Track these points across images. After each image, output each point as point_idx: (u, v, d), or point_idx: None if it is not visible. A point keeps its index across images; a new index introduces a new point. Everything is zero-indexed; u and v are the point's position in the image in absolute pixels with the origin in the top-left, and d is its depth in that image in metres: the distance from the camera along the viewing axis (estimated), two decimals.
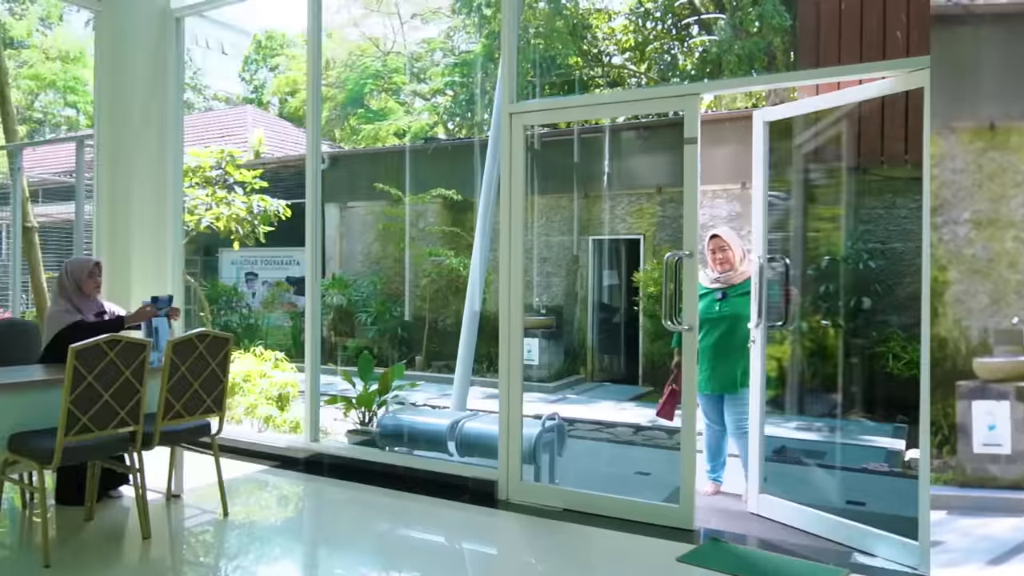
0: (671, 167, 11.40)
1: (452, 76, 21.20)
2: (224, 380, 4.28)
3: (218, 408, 4.29)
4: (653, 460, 7.00)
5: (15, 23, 21.52)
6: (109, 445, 3.82)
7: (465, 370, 7.18)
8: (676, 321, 4.39)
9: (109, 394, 3.68)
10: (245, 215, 9.08)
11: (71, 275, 4.40)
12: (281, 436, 5.94)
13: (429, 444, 5.34)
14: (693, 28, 16.57)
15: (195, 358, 4.08)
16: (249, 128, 17.90)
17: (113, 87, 5.96)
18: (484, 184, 7.48)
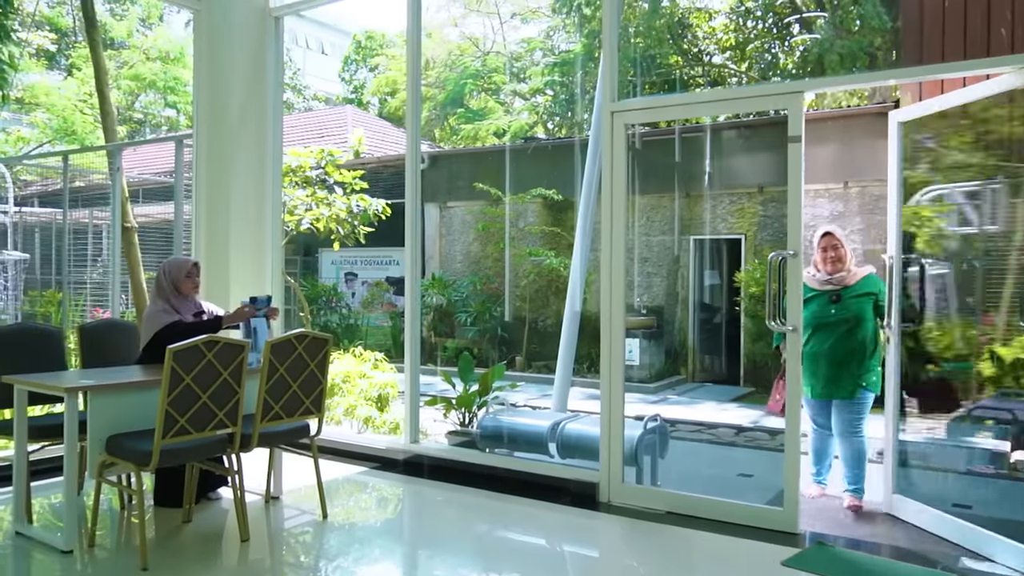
0: (773, 166, 10.89)
1: (552, 75, 21.04)
2: (323, 381, 4.15)
3: (317, 409, 4.16)
4: (756, 462, 6.63)
5: (116, 24, 22.47)
6: (207, 447, 3.74)
7: (565, 371, 6.92)
8: (780, 322, 4.10)
9: (207, 395, 3.59)
10: (345, 216, 9.07)
11: (169, 275, 4.36)
12: (380, 437, 5.82)
13: (529, 446, 5.11)
14: (794, 27, 16.01)
15: (294, 359, 3.96)
16: (349, 128, 18.15)
17: (212, 86, 5.96)
18: (584, 184, 7.25)
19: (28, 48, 19.97)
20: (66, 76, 21.66)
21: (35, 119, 19.99)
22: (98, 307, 9.91)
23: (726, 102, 4.85)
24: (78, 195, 13.41)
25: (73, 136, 19.44)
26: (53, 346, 4.56)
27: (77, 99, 19.48)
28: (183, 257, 4.43)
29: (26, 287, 12.37)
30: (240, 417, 3.77)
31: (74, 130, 19.09)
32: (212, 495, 4.58)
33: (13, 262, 12.75)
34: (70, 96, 19.78)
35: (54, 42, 20.94)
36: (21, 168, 19.48)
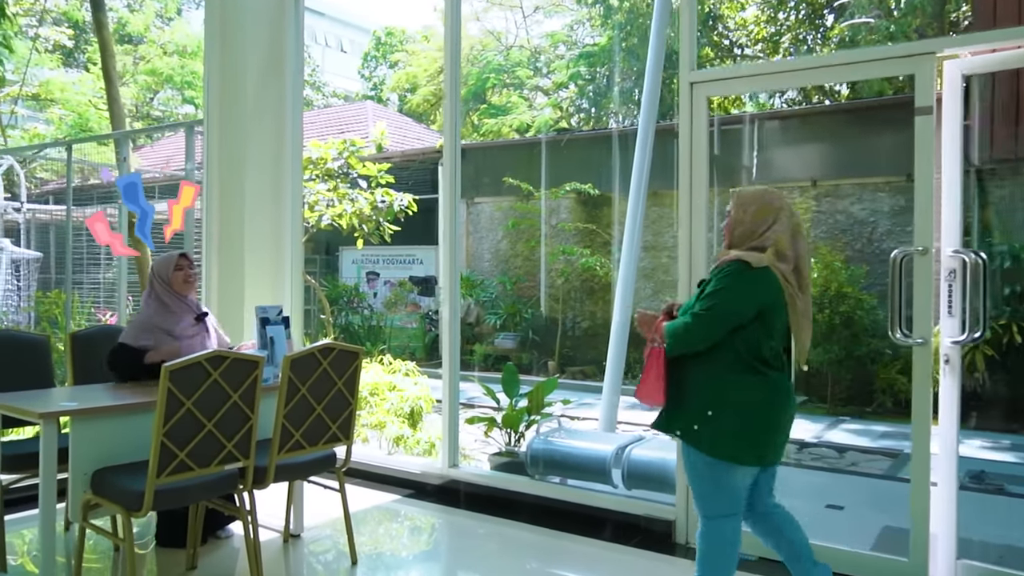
0: (826, 158, 10.13)
1: (577, 67, 20.41)
2: (352, 402, 3.47)
3: (345, 436, 3.48)
4: (840, 489, 5.84)
5: (132, 18, 22.01)
6: (213, 486, 3.06)
7: (614, 384, 6.24)
8: (904, 332, 3.38)
9: (213, 423, 2.92)
10: (369, 212, 8.39)
11: (158, 273, 3.73)
12: (414, 460, 5.13)
13: (588, 473, 4.40)
14: (828, 18, 15.33)
15: (318, 376, 3.28)
16: (370, 123, 17.52)
17: (225, 66, 5.27)
18: (634, 178, 6.58)
19: (45, 44, 19.57)
20: (84, 70, 21.23)
21: (51, 115, 19.57)
22: (105, 309, 9.30)
23: (832, 69, 3.77)
24: (92, 192, 12.93)
25: (88, 133, 18.96)
26: (38, 358, 3.92)
27: (93, 95, 19.02)
28: (169, 253, 3.79)
29: (40, 287, 11.84)
30: (253, 448, 3.09)
31: (89, 127, 18.62)
32: (221, 533, 3.91)
33: (26, 261, 12.27)
34: (85, 92, 19.33)
35: (71, 38, 20.48)
36: (37, 166, 19.06)
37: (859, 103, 11.46)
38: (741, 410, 2.60)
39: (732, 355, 2.60)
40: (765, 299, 2.56)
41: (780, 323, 2.62)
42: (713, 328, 2.56)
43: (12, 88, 16.96)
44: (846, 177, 9.90)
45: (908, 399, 3.39)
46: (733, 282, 2.56)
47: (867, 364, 9.05)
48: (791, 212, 2.68)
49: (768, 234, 2.62)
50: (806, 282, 2.68)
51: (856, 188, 9.83)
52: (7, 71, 17.48)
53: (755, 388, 2.60)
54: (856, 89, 13.89)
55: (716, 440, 2.61)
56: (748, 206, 2.68)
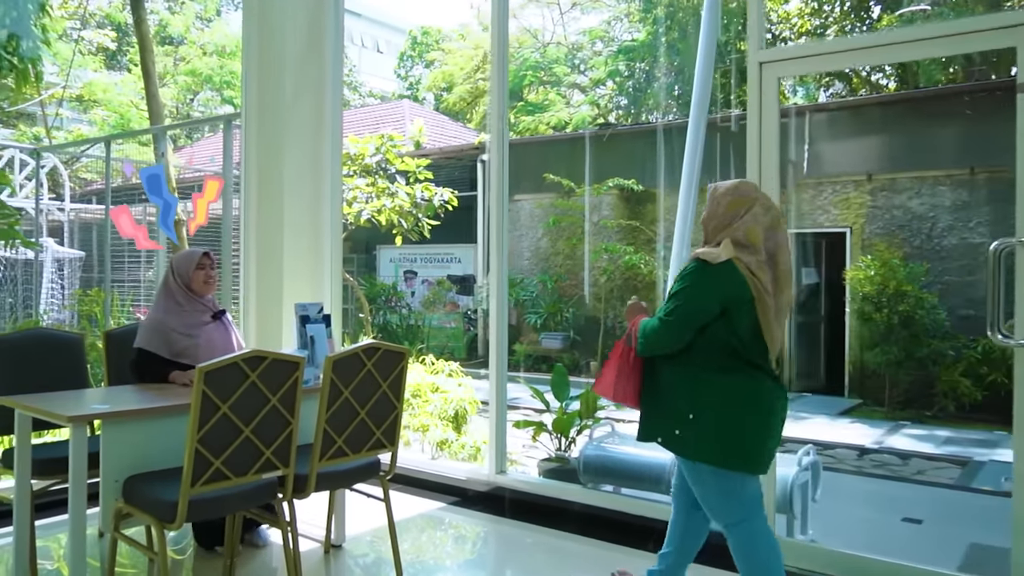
0: (882, 151, 9.70)
1: (616, 64, 20.13)
2: (398, 406, 3.25)
3: (390, 442, 3.25)
4: (913, 500, 5.49)
5: (172, 19, 22.19)
6: (250, 495, 2.86)
7: None
8: (1003, 333, 3.03)
9: (251, 428, 2.71)
10: (409, 207, 8.20)
11: (177, 271, 3.53)
12: (459, 465, 4.90)
13: (645, 482, 4.13)
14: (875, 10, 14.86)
15: (362, 378, 3.06)
16: (406, 121, 17.39)
17: (263, 60, 5.09)
18: (684, 173, 6.30)
19: (88, 46, 19.79)
20: (127, 72, 21.44)
21: (94, 117, 19.77)
22: (144, 307, 9.24)
23: (921, 43, 3.30)
24: (134, 193, 12.99)
25: (142, 140, 19.11)
26: (73, 357, 3.76)
27: (134, 95, 19.17)
28: (191, 249, 3.60)
29: (83, 286, 11.91)
30: (293, 455, 2.88)
31: (131, 127, 18.76)
32: (258, 540, 3.72)
33: (69, 260, 12.33)
34: (126, 92, 19.50)
35: (113, 40, 20.69)
36: (80, 166, 19.27)
37: (916, 93, 11.00)
38: (721, 411, 2.51)
39: (704, 355, 2.54)
40: (728, 294, 2.49)
41: (747, 319, 2.51)
42: (680, 330, 2.52)
43: (56, 90, 17.14)
44: (903, 171, 9.47)
45: (972, 403, 3.09)
46: (694, 280, 2.52)
47: (928, 366, 8.62)
48: (768, 203, 2.61)
49: (739, 224, 2.55)
50: (784, 275, 2.57)
51: (914, 182, 9.40)
52: (50, 73, 17.68)
53: (731, 388, 2.51)
54: (908, 80, 13.39)
55: (700, 444, 2.53)
56: (722, 199, 2.62)
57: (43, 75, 8.91)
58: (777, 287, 2.55)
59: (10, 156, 12.33)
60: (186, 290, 3.50)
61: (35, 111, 17.64)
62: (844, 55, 3.51)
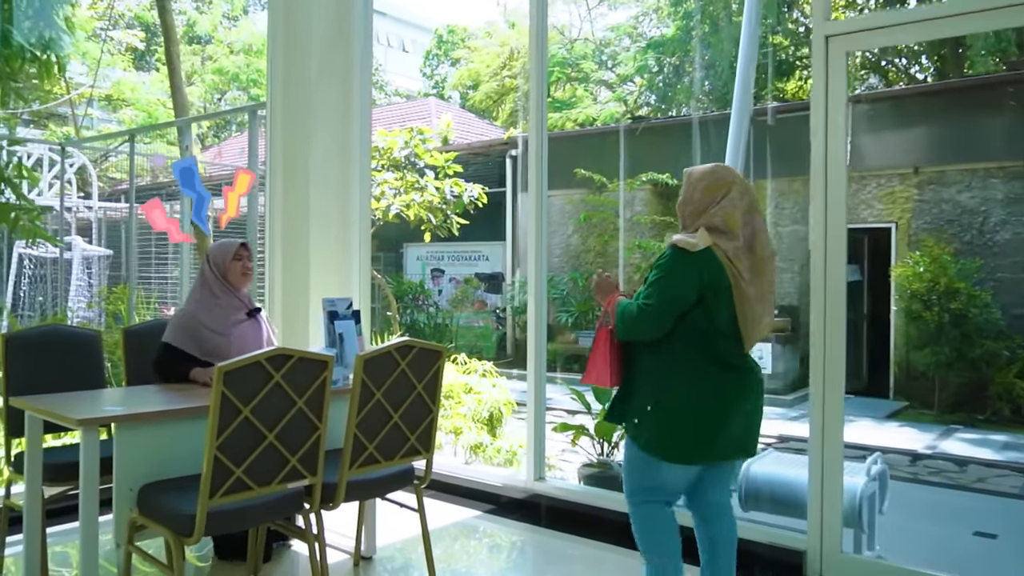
0: (931, 142, 9.30)
1: (645, 59, 19.84)
2: (433, 409, 2.99)
3: (425, 448, 3.00)
4: (982, 510, 5.13)
5: (200, 18, 22.25)
6: (274, 506, 2.62)
7: None
8: None
9: (274, 433, 2.47)
10: (438, 202, 7.97)
11: (214, 261, 3.33)
12: (494, 471, 4.64)
13: None
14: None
15: (395, 379, 2.81)
16: (433, 118, 17.20)
17: (288, 47, 4.86)
18: (727, 162, 6.05)
19: (118, 47, 19.86)
20: (155, 71, 21.51)
21: (123, 116, 19.83)
22: (171, 305, 9.10)
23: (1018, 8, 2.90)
24: (161, 191, 12.93)
25: (157, 132, 19.14)
26: (90, 355, 3.55)
27: (161, 93, 19.18)
28: (228, 239, 3.39)
29: (110, 284, 11.88)
30: (321, 463, 2.64)
31: (167, 135, 18.81)
32: (282, 547, 3.49)
33: (97, 258, 12.31)
34: (154, 91, 19.53)
35: (142, 40, 20.75)
36: (110, 165, 19.32)
37: (967, 81, 10.57)
38: (679, 408, 2.47)
39: (678, 348, 2.48)
40: (705, 281, 2.42)
41: (725, 307, 2.45)
42: (659, 319, 2.45)
43: (84, 89, 17.20)
44: (952, 163, 9.07)
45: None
46: (671, 268, 2.45)
47: (981, 367, 8.22)
48: (744, 187, 2.53)
49: (716, 210, 2.48)
50: (761, 261, 2.50)
51: (964, 174, 8.99)
52: (80, 74, 17.74)
53: (697, 386, 2.47)
54: (949, 71, 12.93)
55: (652, 438, 2.50)
56: (698, 183, 2.55)
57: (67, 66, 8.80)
58: (755, 273, 2.47)
59: (39, 155, 12.31)
60: (223, 281, 3.29)
61: (65, 112, 17.73)
62: (923, 25, 3.19)
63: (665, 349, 2.49)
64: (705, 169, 2.58)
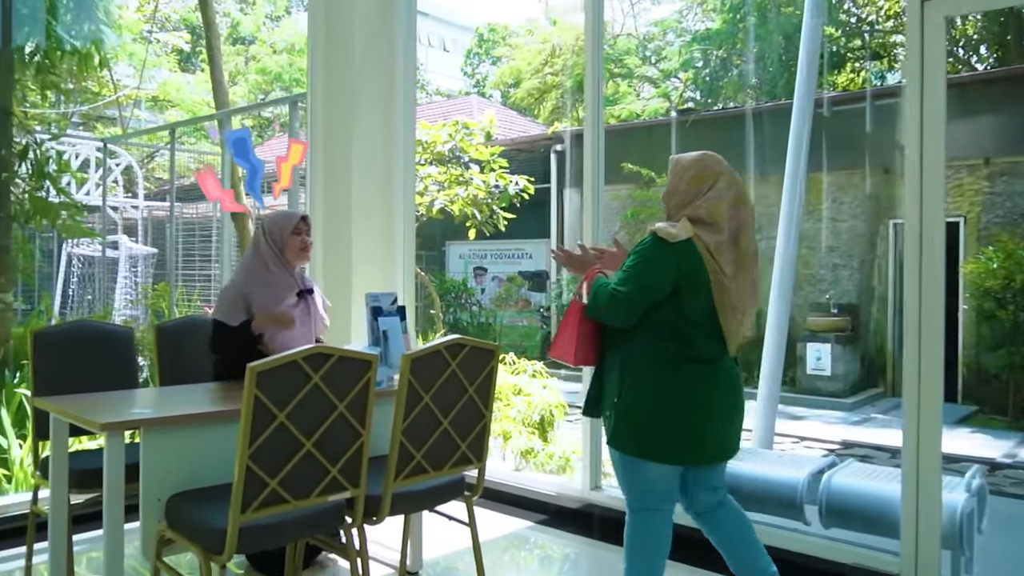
0: (1003, 131, 8.77)
1: (690, 52, 19.48)
2: (486, 414, 2.73)
3: (477, 457, 2.74)
4: None
5: (244, 19, 22.44)
6: (313, 521, 2.37)
7: (771, 393, 5.34)
8: None
9: (313, 441, 2.23)
10: (484, 196, 7.73)
11: (270, 234, 3.07)
12: (547, 479, 4.36)
13: (768, 505, 3.50)
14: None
15: (445, 380, 2.55)
16: (475, 115, 16.99)
17: (330, 35, 4.64)
18: (790, 156, 5.77)
19: (164, 48, 20.07)
20: (201, 71, 21.70)
21: (169, 118, 20.02)
22: (214, 304, 9.02)
23: None
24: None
25: (202, 132, 19.29)
26: (121, 353, 3.35)
27: (206, 94, 19.31)
28: (287, 211, 3.14)
29: (155, 282, 11.94)
30: (364, 473, 2.39)
31: (202, 125, 18.91)
32: (321, 562, 3.26)
33: (142, 257, 12.40)
34: (199, 91, 19.66)
35: (188, 42, 20.95)
36: (156, 165, 19.50)
37: None
38: (647, 401, 2.38)
39: (646, 339, 2.39)
40: (681, 272, 2.33)
41: (700, 301, 2.35)
42: (630, 306, 2.36)
43: (131, 90, 17.37)
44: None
45: None
46: (648, 257, 2.36)
47: None
48: (732, 178, 2.45)
49: (702, 201, 2.40)
50: (745, 256, 2.40)
51: None
52: (127, 75, 17.92)
53: (660, 379, 2.37)
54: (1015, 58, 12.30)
55: (617, 431, 2.43)
56: (684, 173, 2.47)
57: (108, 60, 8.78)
58: (738, 267, 2.38)
59: (87, 155, 12.41)
60: (279, 256, 3.06)
61: (113, 114, 17.94)
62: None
63: (632, 340, 2.41)
64: (692, 158, 2.50)
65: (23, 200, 5.62)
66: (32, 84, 5.94)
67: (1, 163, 5.49)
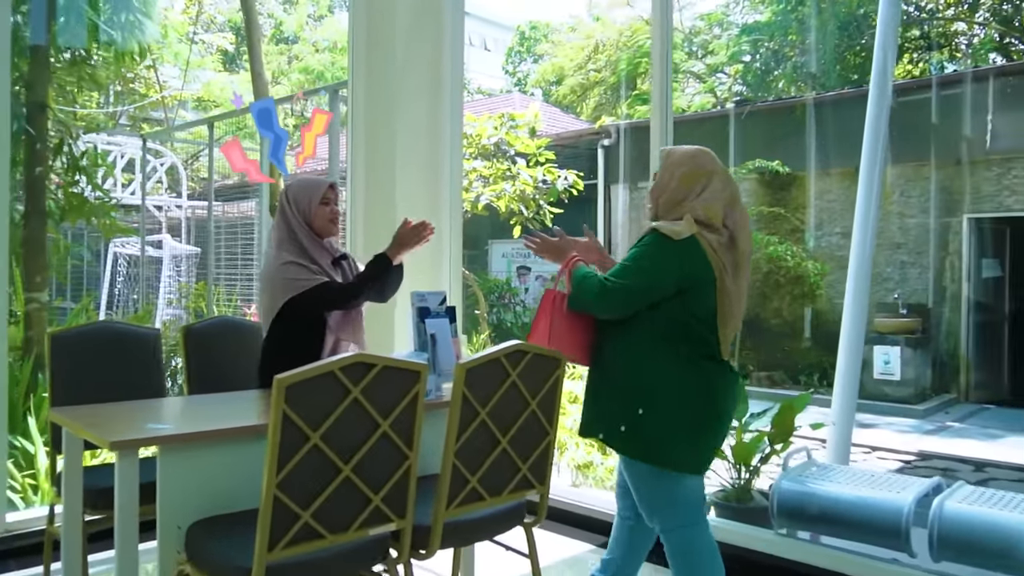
0: None
1: (739, 45, 18.99)
2: (551, 430, 2.37)
3: (540, 480, 2.38)
4: None
5: (287, 19, 22.58)
6: (353, 557, 2.03)
7: (847, 403, 4.92)
8: None
9: (351, 466, 1.89)
10: (531, 191, 7.39)
11: (295, 201, 2.74)
12: (609, 496, 3.98)
13: (867, 532, 3.08)
14: None
15: (505, 393, 2.20)
16: (518, 110, 16.69)
17: (371, 27, 4.34)
18: (866, 149, 5.35)
19: (209, 48, 20.19)
20: (245, 71, 21.79)
21: (213, 117, 20.11)
22: (252, 304, 8.81)
23: None
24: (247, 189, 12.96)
25: (246, 130, 19.33)
26: (146, 357, 3.07)
27: (250, 94, 19.32)
28: (311, 176, 2.84)
29: (198, 281, 11.92)
30: (412, 501, 2.05)
31: (247, 123, 18.96)
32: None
33: (185, 256, 12.41)
34: (242, 90, 19.69)
35: (232, 43, 21.05)
36: (200, 165, 19.59)
37: None
38: (675, 407, 2.24)
39: (659, 337, 2.25)
40: (688, 273, 2.23)
41: (708, 300, 2.25)
42: (623, 301, 2.24)
43: (175, 91, 17.48)
44: None
45: None
46: (651, 254, 2.25)
47: None
48: (727, 177, 2.35)
49: (696, 202, 2.29)
50: (744, 257, 2.30)
51: None
52: (173, 77, 18.04)
53: (691, 379, 2.25)
54: None
55: (651, 445, 2.24)
56: (676, 169, 2.35)
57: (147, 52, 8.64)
58: (736, 268, 2.28)
59: (131, 155, 12.45)
60: (306, 227, 2.75)
61: (160, 115, 18.05)
62: None
63: (640, 342, 2.26)
64: (685, 153, 2.36)
65: (58, 197, 5.46)
66: (68, 76, 5.76)
67: (36, 157, 5.32)
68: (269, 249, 2.81)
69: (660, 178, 2.37)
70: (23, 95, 5.22)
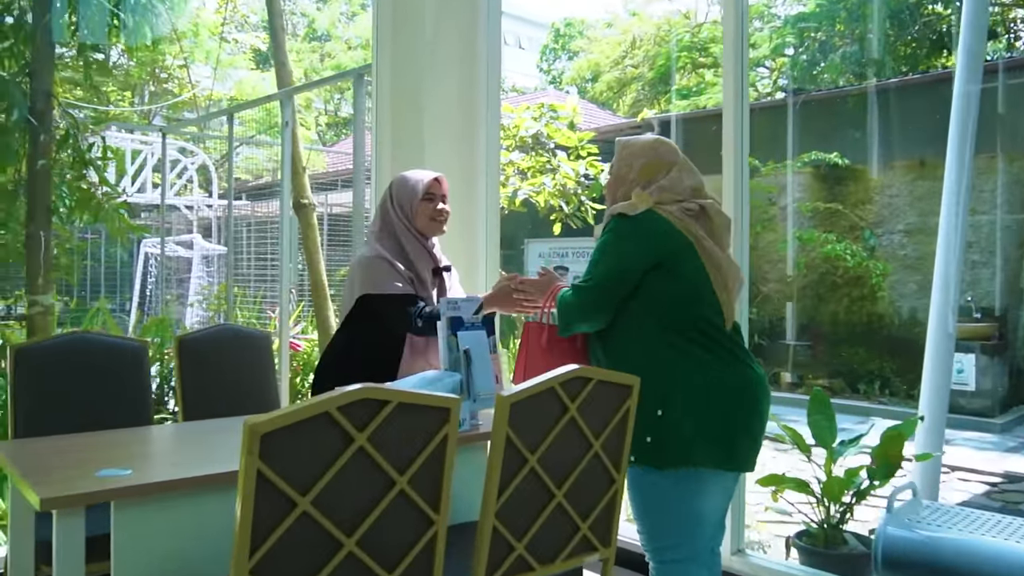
0: None
1: (784, 37, 18.43)
2: (618, 477, 1.84)
3: (604, 541, 1.85)
4: None
5: (318, 16, 22.67)
6: None
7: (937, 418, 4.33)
8: None
9: (356, 538, 1.38)
10: (573, 185, 6.90)
11: (397, 200, 2.43)
12: None
13: None
14: None
15: (562, 431, 1.67)
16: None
17: (397, 12, 3.89)
18: (953, 139, 4.84)
19: (241, 47, 20.13)
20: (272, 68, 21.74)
21: (243, 116, 20.03)
22: (275, 306, 8.41)
23: None
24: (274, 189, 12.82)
25: (275, 128, 19.19)
26: (131, 374, 2.60)
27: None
28: (419, 171, 2.44)
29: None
30: (439, 567, 1.54)
31: (275, 121, 18.84)
32: None
33: (216, 256, 12.27)
34: (273, 87, 19.56)
35: (264, 41, 21.00)
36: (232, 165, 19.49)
37: None
38: (696, 400, 1.96)
39: (653, 333, 2.01)
40: (658, 244, 2.01)
41: (693, 273, 2.00)
42: (602, 295, 2.04)
43: (208, 91, 17.43)
44: None
45: None
46: (614, 238, 2.07)
47: None
48: (690, 168, 2.12)
49: (653, 189, 2.08)
50: (720, 228, 2.07)
51: None
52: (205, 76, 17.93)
53: (702, 367, 1.98)
54: None
55: (679, 446, 1.95)
56: (635, 160, 2.14)
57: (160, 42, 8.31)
58: (715, 238, 2.07)
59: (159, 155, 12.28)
60: (408, 226, 2.43)
61: (192, 115, 17.98)
62: None
63: (640, 344, 2.03)
64: (644, 143, 2.17)
65: (63, 192, 5.07)
66: (75, 65, 5.37)
67: (42, 149, 4.93)
68: (366, 243, 2.50)
69: (617, 170, 2.18)
70: (25, 83, 4.83)
